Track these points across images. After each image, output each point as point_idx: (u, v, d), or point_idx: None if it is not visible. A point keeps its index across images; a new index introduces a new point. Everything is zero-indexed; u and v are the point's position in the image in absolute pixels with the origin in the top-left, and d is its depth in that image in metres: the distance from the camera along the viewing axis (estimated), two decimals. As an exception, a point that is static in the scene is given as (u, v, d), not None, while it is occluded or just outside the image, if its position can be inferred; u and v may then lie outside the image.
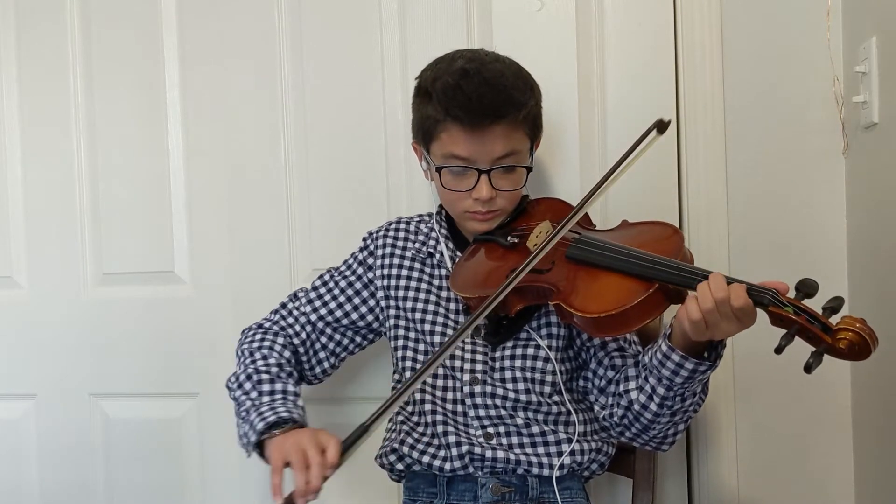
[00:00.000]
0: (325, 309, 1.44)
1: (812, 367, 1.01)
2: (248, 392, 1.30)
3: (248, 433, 1.24)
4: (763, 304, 1.07)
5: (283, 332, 1.42)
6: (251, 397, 1.29)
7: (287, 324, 1.43)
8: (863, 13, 1.46)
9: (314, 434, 1.17)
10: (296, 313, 1.44)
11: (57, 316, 1.82)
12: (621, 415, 1.26)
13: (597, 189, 1.22)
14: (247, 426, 1.25)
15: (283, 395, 1.29)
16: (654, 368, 1.18)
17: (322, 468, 1.12)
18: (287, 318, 1.44)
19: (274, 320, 1.44)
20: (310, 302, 1.45)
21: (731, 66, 1.57)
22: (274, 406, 1.25)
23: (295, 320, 1.44)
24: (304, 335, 1.43)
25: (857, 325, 1.02)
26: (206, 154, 1.75)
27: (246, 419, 1.26)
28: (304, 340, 1.43)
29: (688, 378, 1.15)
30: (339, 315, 1.44)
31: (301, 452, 1.14)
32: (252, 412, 1.26)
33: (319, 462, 1.12)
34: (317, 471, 1.12)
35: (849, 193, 1.54)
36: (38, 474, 1.84)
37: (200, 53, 1.74)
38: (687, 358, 1.14)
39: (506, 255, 1.32)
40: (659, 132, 1.24)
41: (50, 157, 1.82)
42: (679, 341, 1.15)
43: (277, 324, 1.43)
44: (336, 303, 1.44)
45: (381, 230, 1.48)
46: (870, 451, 1.51)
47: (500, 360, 1.33)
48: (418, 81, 1.37)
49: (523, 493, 1.32)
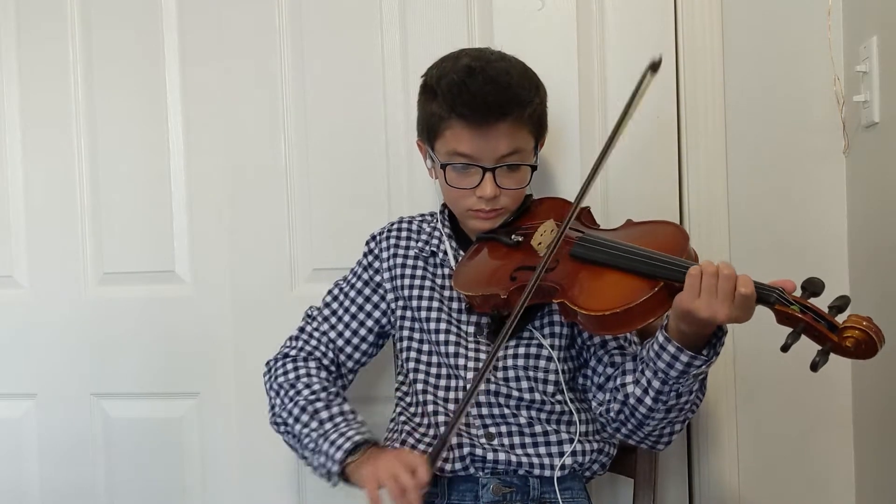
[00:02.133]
0: (342, 324, 1.44)
1: (818, 366, 1.01)
2: (308, 424, 1.32)
3: (327, 464, 1.26)
4: (769, 302, 1.07)
5: (312, 357, 1.42)
6: (312, 428, 1.31)
7: (312, 347, 1.43)
8: (863, 12, 1.46)
9: (400, 456, 1.22)
10: (316, 335, 1.44)
11: (57, 315, 1.82)
12: (617, 409, 1.26)
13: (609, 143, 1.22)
14: (322, 458, 1.27)
15: (344, 417, 1.31)
16: (651, 361, 1.17)
17: (417, 490, 1.17)
18: (310, 342, 1.43)
19: (298, 347, 1.43)
20: (326, 320, 1.44)
21: (732, 65, 1.57)
22: (342, 431, 1.28)
23: (318, 342, 1.43)
24: (331, 355, 1.43)
25: (864, 323, 1.02)
26: (206, 154, 1.75)
27: (317, 451, 1.28)
28: (333, 360, 1.43)
29: (682, 372, 1.14)
30: (355, 327, 1.44)
31: (394, 478, 1.17)
32: (322, 443, 1.28)
33: (414, 485, 1.17)
34: (413, 494, 1.17)
35: (849, 193, 1.54)
36: (39, 474, 1.84)
37: (201, 53, 1.74)
38: (682, 350, 1.13)
39: (509, 253, 1.32)
40: (653, 71, 1.23)
41: (51, 156, 1.81)
42: (675, 333, 1.14)
43: (303, 350, 1.43)
44: (350, 315, 1.44)
45: (383, 232, 1.48)
46: (871, 450, 1.51)
47: (502, 359, 1.33)
48: (424, 79, 1.37)
49: (524, 493, 1.32)
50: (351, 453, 1.25)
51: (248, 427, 1.73)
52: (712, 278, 1.08)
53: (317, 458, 1.29)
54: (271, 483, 1.74)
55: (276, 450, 1.72)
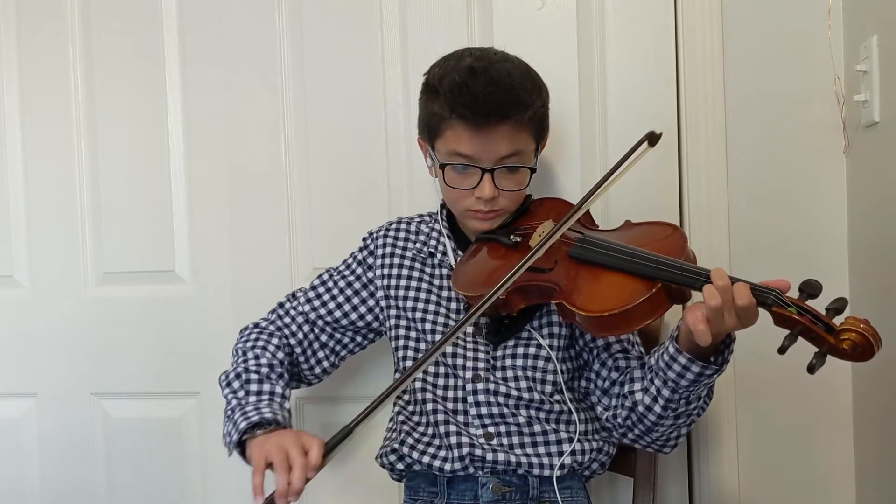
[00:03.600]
0: (325, 309, 1.44)
1: (815, 368, 1.01)
2: (236, 391, 1.31)
3: (231, 432, 1.24)
4: (766, 304, 1.06)
5: (279, 332, 1.42)
6: (238, 396, 1.30)
7: (283, 323, 1.43)
8: (864, 12, 1.46)
9: (297, 435, 1.17)
10: (293, 313, 1.44)
11: (58, 315, 1.82)
12: (625, 416, 1.26)
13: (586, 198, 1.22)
14: (230, 425, 1.26)
15: (270, 396, 1.30)
16: (661, 370, 1.17)
17: (304, 469, 1.12)
18: (284, 318, 1.44)
19: (271, 319, 1.44)
20: (308, 301, 1.45)
21: (732, 64, 1.57)
22: (259, 407, 1.26)
23: (292, 320, 1.43)
24: (300, 335, 1.42)
25: (861, 325, 1.01)
26: (206, 153, 1.75)
27: (230, 418, 1.27)
28: (302, 340, 1.42)
29: (693, 381, 1.14)
30: (338, 315, 1.44)
31: (283, 453, 1.14)
32: (237, 412, 1.26)
33: (302, 463, 1.12)
34: (299, 472, 1.12)
35: (850, 192, 1.54)
36: (39, 473, 1.84)
37: (201, 53, 1.74)
38: (693, 361, 1.13)
39: (508, 254, 1.32)
40: (650, 144, 1.23)
41: (51, 156, 1.81)
42: (686, 344, 1.14)
43: (274, 323, 1.43)
44: (335, 303, 1.44)
45: (381, 230, 1.48)
46: (871, 450, 1.51)
47: (501, 358, 1.33)
48: (426, 78, 1.36)
49: (524, 492, 1.32)
50: (256, 426, 1.22)
51: (249, 427, 1.73)
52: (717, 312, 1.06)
53: (227, 426, 1.26)
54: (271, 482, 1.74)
55: (276, 449, 1.72)
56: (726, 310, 1.06)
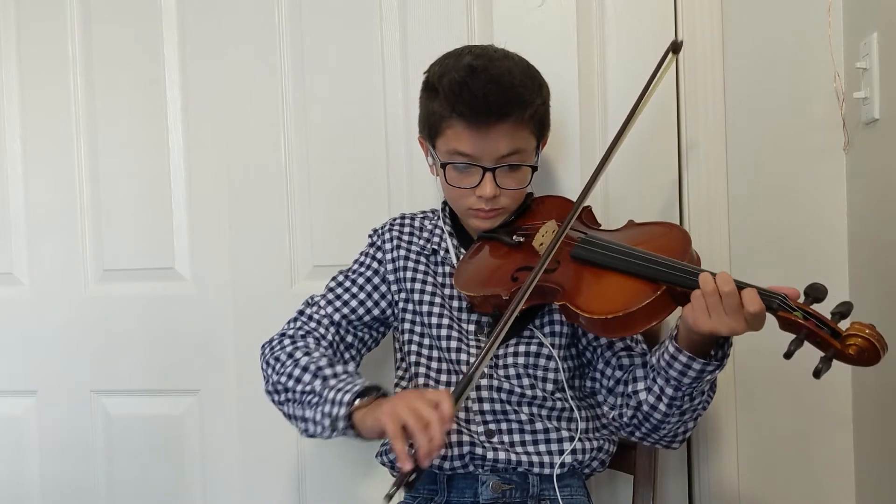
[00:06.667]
0: (347, 308, 1.40)
1: (821, 373, 1.00)
2: (311, 382, 1.24)
3: (333, 410, 1.17)
4: (772, 308, 1.06)
5: (311, 335, 1.36)
6: (315, 385, 1.23)
7: (311, 328, 1.37)
8: (863, 9, 1.46)
9: (420, 392, 1.12)
10: (317, 317, 1.39)
11: (58, 313, 1.82)
12: (631, 415, 1.26)
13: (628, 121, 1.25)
14: (328, 406, 1.18)
15: (349, 374, 1.25)
16: (662, 370, 1.17)
17: (441, 423, 1.07)
18: (309, 323, 1.38)
19: (297, 327, 1.38)
20: (330, 303, 1.40)
21: (732, 62, 1.57)
22: (349, 381, 1.20)
23: (318, 324, 1.38)
24: (329, 337, 1.38)
25: (867, 331, 1.01)
26: (206, 151, 1.75)
27: (322, 401, 1.20)
28: (332, 342, 1.38)
29: (696, 378, 1.15)
30: (361, 312, 1.41)
31: (416, 413, 1.08)
32: (328, 392, 1.20)
33: (438, 417, 1.07)
34: (438, 426, 1.07)
35: (850, 190, 1.54)
36: (39, 471, 1.84)
37: (201, 50, 1.74)
38: (694, 359, 1.13)
39: (510, 253, 1.32)
40: (674, 53, 1.28)
41: (51, 154, 1.81)
42: (685, 342, 1.14)
43: (302, 329, 1.37)
44: (357, 300, 1.41)
45: (385, 226, 1.47)
46: (871, 450, 1.51)
47: (503, 356, 1.33)
48: (426, 76, 1.36)
49: (524, 490, 1.32)
50: (360, 396, 1.17)
51: (249, 424, 1.73)
52: (714, 296, 1.07)
53: (320, 410, 1.20)
54: (272, 480, 1.74)
55: (276, 446, 1.73)
56: (729, 308, 1.07)
